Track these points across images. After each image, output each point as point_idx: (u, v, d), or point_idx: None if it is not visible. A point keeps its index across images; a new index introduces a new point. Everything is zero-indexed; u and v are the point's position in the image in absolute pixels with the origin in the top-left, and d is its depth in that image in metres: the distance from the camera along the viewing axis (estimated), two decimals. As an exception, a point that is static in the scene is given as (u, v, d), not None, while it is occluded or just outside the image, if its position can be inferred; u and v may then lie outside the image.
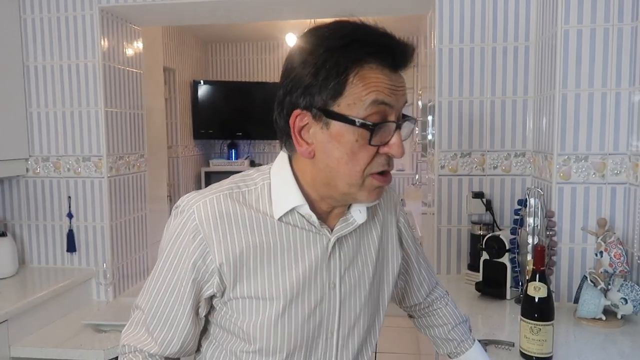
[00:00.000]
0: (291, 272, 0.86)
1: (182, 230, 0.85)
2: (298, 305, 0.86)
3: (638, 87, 1.63)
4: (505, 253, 1.80)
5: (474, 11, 2.02)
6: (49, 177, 2.28)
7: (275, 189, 0.87)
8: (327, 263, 0.88)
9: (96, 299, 2.29)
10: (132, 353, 0.91)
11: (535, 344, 1.30)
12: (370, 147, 0.79)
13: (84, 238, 2.28)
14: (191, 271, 0.85)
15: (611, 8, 1.66)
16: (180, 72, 4.26)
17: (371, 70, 0.78)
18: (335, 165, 0.81)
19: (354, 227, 0.90)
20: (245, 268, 0.84)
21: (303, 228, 0.87)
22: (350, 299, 0.91)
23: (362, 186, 0.82)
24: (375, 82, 0.77)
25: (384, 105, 0.78)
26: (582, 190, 1.73)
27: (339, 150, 0.80)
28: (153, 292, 0.89)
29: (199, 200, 0.85)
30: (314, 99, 0.79)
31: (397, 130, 0.80)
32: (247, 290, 0.85)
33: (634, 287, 1.53)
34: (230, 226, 0.84)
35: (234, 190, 0.87)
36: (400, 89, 0.80)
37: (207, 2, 2.15)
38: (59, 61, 2.24)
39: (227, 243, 0.83)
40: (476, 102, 2.05)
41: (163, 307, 0.88)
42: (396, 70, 0.80)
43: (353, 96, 0.77)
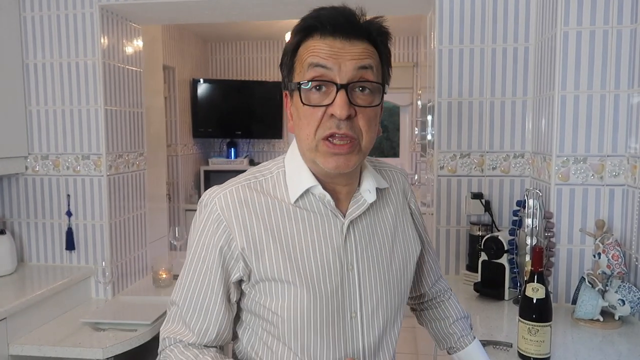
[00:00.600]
0: (309, 255, 0.90)
1: (207, 222, 0.91)
2: (320, 287, 0.90)
3: (637, 89, 1.63)
4: (504, 254, 1.81)
5: (473, 12, 2.02)
6: (48, 175, 2.28)
7: (289, 175, 0.93)
8: (344, 246, 0.92)
9: (95, 297, 2.29)
10: (173, 344, 0.95)
11: (533, 345, 1.31)
12: (314, 109, 0.84)
13: (83, 236, 2.28)
14: (219, 258, 0.90)
15: (610, 10, 1.67)
16: (180, 70, 4.25)
17: (313, 40, 0.86)
18: (297, 132, 0.89)
19: (365, 207, 0.94)
20: (267, 252, 0.89)
21: (318, 212, 0.92)
22: (370, 280, 0.95)
23: (317, 151, 0.87)
24: (314, 48, 0.85)
25: (321, 68, 0.83)
26: (580, 191, 1.74)
27: (296, 117, 0.89)
28: (185, 285, 0.94)
29: (220, 193, 0.92)
30: (285, 78, 0.91)
31: (341, 91, 0.83)
32: (270, 273, 0.89)
33: (631, 289, 1.53)
34: (249, 213, 0.90)
35: (251, 180, 0.94)
36: (345, 54, 0.84)
37: (207, 1, 2.15)
38: (59, 59, 2.24)
39: (247, 229, 0.89)
40: (475, 102, 2.06)
41: (197, 298, 0.93)
42: (345, 39, 0.84)
43: (299, 67, 0.87)
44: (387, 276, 0.97)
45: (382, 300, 0.96)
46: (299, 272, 0.89)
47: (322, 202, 0.92)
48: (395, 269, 0.99)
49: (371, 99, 0.87)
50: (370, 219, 0.97)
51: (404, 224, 1.03)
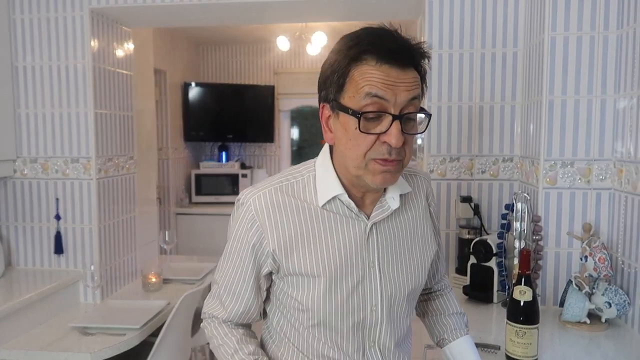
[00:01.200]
0: (334, 252, 1.00)
1: (243, 220, 1.02)
2: (343, 282, 1.00)
3: (623, 94, 1.65)
4: (493, 257, 1.82)
5: (463, 17, 2.04)
6: (37, 178, 2.27)
7: (319, 179, 1.02)
8: (366, 245, 1.02)
9: (83, 301, 2.27)
10: (209, 318, 1.13)
11: (521, 347, 1.32)
12: (368, 135, 0.90)
13: (72, 240, 2.27)
14: (251, 253, 1.02)
15: (597, 16, 1.69)
16: (171, 73, 4.24)
17: (369, 67, 0.89)
18: (344, 149, 0.95)
19: (389, 212, 1.03)
20: (296, 250, 1.00)
21: (344, 214, 1.01)
22: (389, 276, 1.04)
23: (366, 169, 0.93)
24: (370, 77, 0.89)
25: (378, 98, 0.88)
26: (568, 195, 1.76)
27: (345, 137, 0.94)
28: (223, 270, 1.08)
29: (255, 194, 1.02)
30: (328, 92, 0.95)
31: (396, 121, 0.89)
32: (297, 268, 1.00)
33: (617, 291, 1.55)
34: (280, 215, 1.00)
35: (283, 183, 1.03)
36: (400, 84, 0.89)
37: (198, 5, 2.16)
38: (49, 62, 2.23)
39: (278, 229, 1.00)
40: (465, 107, 2.07)
41: (231, 283, 1.07)
42: (400, 67, 0.89)
43: (352, 90, 0.91)
44: (405, 273, 1.06)
45: (400, 294, 1.05)
46: (324, 267, 0.99)
47: (347, 206, 1.01)
48: (413, 267, 1.08)
49: (417, 127, 0.95)
50: (392, 223, 1.06)
51: (424, 227, 1.12)
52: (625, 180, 1.62)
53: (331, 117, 0.97)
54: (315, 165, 1.05)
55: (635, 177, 1.55)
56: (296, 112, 5.10)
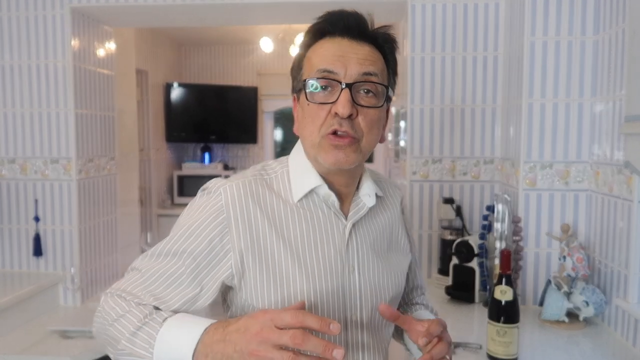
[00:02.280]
0: (312, 254, 0.90)
1: (206, 207, 0.88)
2: (322, 286, 0.89)
3: (599, 98, 1.69)
4: (474, 258, 1.85)
5: (445, 21, 2.07)
6: (15, 179, 2.23)
7: (293, 174, 0.94)
8: (346, 249, 0.93)
9: (63, 304, 2.23)
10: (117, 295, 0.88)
11: (502, 346, 1.34)
12: (318, 106, 0.86)
13: (51, 242, 2.23)
14: (205, 246, 0.86)
15: (575, 22, 1.73)
16: (153, 74, 4.20)
17: (320, 44, 0.89)
18: (301, 132, 0.91)
19: (365, 211, 0.95)
20: (270, 249, 0.88)
21: (322, 212, 0.92)
22: (370, 281, 0.95)
23: (319, 146, 0.88)
24: (322, 52, 0.88)
25: (327, 72, 0.86)
26: (547, 196, 1.79)
27: (301, 116, 0.91)
28: (157, 260, 0.88)
29: (227, 184, 0.89)
30: (293, 82, 0.94)
31: (344, 90, 0.85)
32: (270, 272, 0.87)
33: (594, 291, 1.59)
34: (254, 208, 0.88)
35: (257, 177, 0.93)
36: (352, 56, 0.86)
37: (180, 5, 2.14)
38: (28, 61, 2.19)
39: (251, 226, 0.87)
40: (447, 109, 2.10)
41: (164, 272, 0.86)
42: (353, 39, 0.88)
43: (307, 70, 0.89)
44: (384, 280, 0.97)
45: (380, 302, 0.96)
46: (301, 269, 0.88)
47: (325, 202, 0.93)
48: (391, 273, 0.99)
49: (374, 101, 0.88)
50: (369, 223, 0.98)
51: (399, 233, 1.06)
52: (602, 181, 1.66)
53: (298, 106, 0.93)
54: (288, 160, 0.97)
55: (612, 178, 1.59)
56: (279, 113, 5.09)
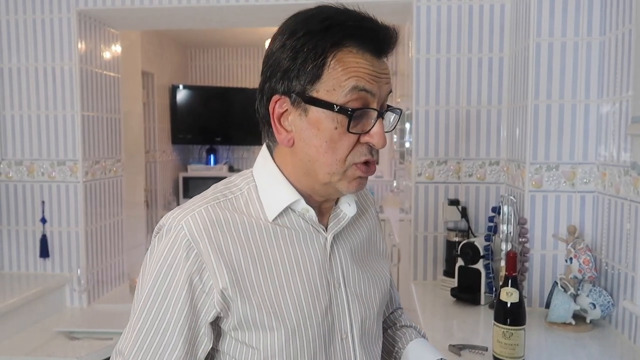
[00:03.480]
0: (295, 277, 0.81)
1: (172, 250, 0.76)
2: (311, 313, 0.81)
3: (606, 99, 1.69)
4: (480, 259, 1.84)
5: (450, 22, 2.06)
6: (22, 181, 2.24)
7: (262, 189, 0.83)
8: (329, 263, 0.84)
9: (70, 305, 2.24)
10: None
11: (508, 348, 1.33)
12: (350, 135, 0.76)
13: (58, 243, 2.24)
14: (188, 291, 0.76)
15: (580, 22, 1.72)
16: (158, 76, 4.22)
17: (351, 54, 0.75)
18: (314, 154, 0.78)
19: (346, 221, 0.87)
20: (248, 280, 0.78)
21: (300, 229, 0.83)
22: (357, 296, 0.87)
23: (343, 175, 0.78)
24: (356, 67, 0.74)
25: (365, 92, 0.75)
26: (553, 198, 1.78)
27: (317, 138, 0.77)
28: (136, 330, 0.77)
29: (186, 215, 0.77)
30: (292, 83, 0.76)
31: (380, 119, 0.77)
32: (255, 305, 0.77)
33: (601, 293, 1.58)
34: (224, 236, 0.77)
35: (220, 199, 0.81)
36: (383, 76, 0.77)
37: (186, 7, 2.15)
38: (35, 64, 2.20)
39: (224, 255, 0.77)
40: (452, 111, 2.10)
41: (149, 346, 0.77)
42: (379, 56, 0.77)
43: (332, 81, 0.75)
44: (371, 291, 0.90)
45: (370, 316, 0.89)
46: (285, 299, 0.79)
47: (302, 217, 0.83)
48: (376, 283, 0.92)
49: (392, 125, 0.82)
50: (350, 233, 0.90)
51: (377, 239, 0.98)
52: (609, 183, 1.65)
53: (289, 113, 0.78)
54: (253, 174, 0.85)
55: (618, 180, 1.58)
56: (284, 115, 5.10)
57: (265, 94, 0.80)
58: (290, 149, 0.80)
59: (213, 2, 2.11)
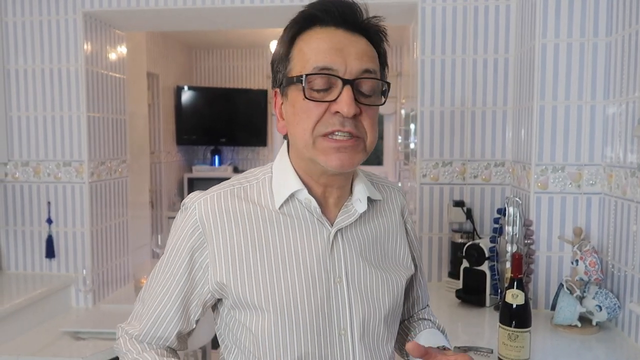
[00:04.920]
0: (292, 266, 0.84)
1: (183, 225, 0.88)
2: (304, 302, 0.83)
3: (612, 101, 1.68)
4: (485, 261, 1.83)
5: (455, 23, 2.06)
6: (29, 182, 2.25)
7: (275, 180, 0.89)
8: (330, 257, 0.86)
9: (75, 305, 2.25)
10: (124, 335, 0.95)
11: (513, 351, 1.33)
12: (315, 104, 0.79)
13: (64, 244, 2.25)
14: (189, 262, 0.87)
15: (587, 23, 1.72)
16: (164, 77, 4.23)
17: (315, 34, 0.82)
18: (292, 130, 0.84)
19: (355, 217, 0.89)
20: (245, 263, 0.84)
21: (304, 219, 0.87)
22: (361, 293, 0.87)
23: (315, 147, 0.81)
24: (317, 45, 0.80)
25: (327, 69, 0.79)
26: (559, 199, 1.78)
27: (293, 113, 0.83)
28: (149, 287, 0.92)
29: (201, 197, 0.88)
30: (277, 75, 0.86)
31: (347, 87, 0.78)
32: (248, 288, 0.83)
33: (608, 295, 1.57)
34: (229, 222, 0.86)
35: (235, 186, 0.90)
36: (350, 49, 0.80)
37: (191, 9, 2.16)
38: (41, 65, 2.22)
39: (225, 238, 0.85)
40: (457, 112, 2.09)
41: (153, 300, 0.90)
42: (347, 31, 0.81)
43: (299, 62, 0.81)
44: (378, 291, 0.89)
45: (375, 315, 0.88)
46: (279, 285, 0.83)
47: (307, 208, 0.86)
48: (386, 284, 0.91)
49: (375, 99, 0.83)
50: (360, 230, 0.91)
51: (397, 242, 0.97)
52: (615, 184, 1.64)
53: (283, 102, 0.86)
54: (272, 167, 0.92)
55: (625, 181, 1.57)
56: (289, 116, 5.11)
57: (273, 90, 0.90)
58: (288, 135, 0.87)
59: (218, 3, 2.12)
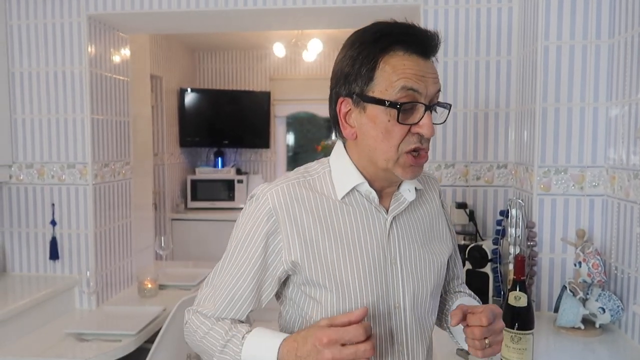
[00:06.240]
0: (356, 251, 0.96)
1: (257, 213, 0.97)
2: (367, 282, 0.95)
3: (615, 102, 1.68)
4: (488, 263, 1.83)
5: (457, 26, 2.06)
6: (33, 184, 2.26)
7: (335, 174, 1.00)
8: (387, 241, 0.99)
9: (79, 307, 2.26)
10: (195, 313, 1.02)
11: (516, 353, 1.33)
12: (401, 127, 0.90)
13: (68, 245, 2.26)
14: (264, 247, 0.96)
15: (589, 26, 1.72)
16: (167, 79, 4.25)
17: (398, 57, 0.90)
18: (372, 144, 0.94)
19: (406, 205, 1.01)
20: (316, 247, 0.95)
21: (363, 208, 0.99)
22: (412, 273, 1.00)
23: (397, 162, 0.93)
24: (403, 68, 0.89)
25: (412, 91, 0.89)
26: (561, 201, 1.77)
27: (374, 130, 0.92)
28: (223, 270, 1.00)
29: (272, 188, 0.97)
30: (351, 86, 0.93)
31: (427, 112, 0.90)
32: (318, 264, 0.95)
33: (611, 297, 1.56)
34: (300, 209, 0.96)
35: (300, 179, 1.00)
36: (429, 75, 0.91)
37: (194, 12, 2.17)
38: (45, 68, 2.23)
39: (297, 224, 0.95)
40: (460, 114, 2.09)
41: (228, 284, 0.98)
42: (425, 57, 0.91)
43: (384, 82, 0.90)
44: (426, 270, 1.03)
45: (423, 291, 1.02)
46: (346, 259, 0.95)
47: (367, 198, 0.99)
48: (434, 262, 1.04)
49: (440, 119, 0.97)
50: (409, 216, 1.03)
51: (439, 223, 1.10)
52: (618, 186, 1.64)
53: (352, 111, 0.95)
54: (329, 162, 1.02)
55: (628, 183, 1.57)
56: (292, 118, 5.11)
57: (333, 98, 0.97)
58: (355, 141, 0.97)
59: (221, 6, 2.13)
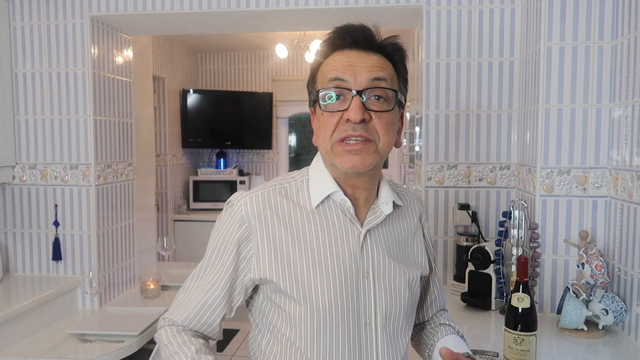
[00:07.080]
0: (327, 259, 0.95)
1: (230, 220, 0.98)
2: (337, 295, 0.94)
3: (618, 103, 1.67)
4: (490, 264, 1.83)
5: (460, 27, 2.06)
6: (36, 184, 2.27)
7: (312, 182, 1.00)
8: (360, 253, 0.97)
9: (81, 307, 2.26)
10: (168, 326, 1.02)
11: (519, 354, 1.32)
12: (330, 115, 0.92)
13: (70, 246, 2.27)
14: (235, 253, 0.97)
15: (592, 27, 1.71)
16: (169, 80, 4.26)
17: (332, 57, 0.95)
18: (318, 141, 0.97)
19: (382, 218, 1.00)
20: (286, 256, 0.95)
21: (337, 218, 0.98)
22: (383, 288, 0.98)
23: (333, 152, 0.93)
24: (334, 64, 0.93)
25: (339, 80, 0.91)
26: (564, 202, 1.77)
27: (317, 125, 0.97)
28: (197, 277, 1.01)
29: (247, 196, 0.99)
30: (310, 96, 0.99)
31: (355, 97, 0.90)
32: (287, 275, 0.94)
33: (614, 298, 1.56)
34: (272, 217, 0.96)
35: (276, 187, 1.00)
36: (361, 64, 0.92)
37: (197, 13, 2.17)
38: (48, 69, 2.24)
39: (269, 232, 0.96)
40: (462, 115, 2.09)
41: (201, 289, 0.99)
42: (361, 51, 0.93)
43: (320, 81, 0.95)
44: (399, 286, 1.00)
45: (396, 308, 0.99)
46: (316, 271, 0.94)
47: (341, 209, 0.98)
48: (406, 280, 1.02)
49: (385, 105, 0.93)
50: (385, 230, 1.02)
51: (414, 244, 1.08)
52: (621, 188, 1.63)
53: (314, 118, 0.99)
54: (308, 170, 1.03)
55: (631, 185, 1.56)
56: (294, 119, 5.11)
57: None
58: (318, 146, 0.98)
59: (224, 7, 2.13)
